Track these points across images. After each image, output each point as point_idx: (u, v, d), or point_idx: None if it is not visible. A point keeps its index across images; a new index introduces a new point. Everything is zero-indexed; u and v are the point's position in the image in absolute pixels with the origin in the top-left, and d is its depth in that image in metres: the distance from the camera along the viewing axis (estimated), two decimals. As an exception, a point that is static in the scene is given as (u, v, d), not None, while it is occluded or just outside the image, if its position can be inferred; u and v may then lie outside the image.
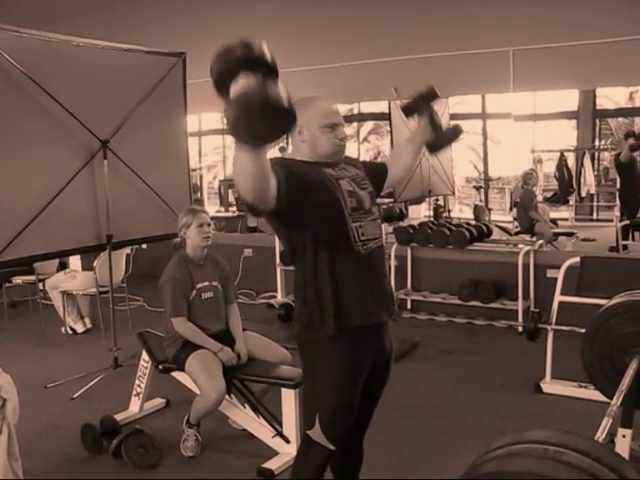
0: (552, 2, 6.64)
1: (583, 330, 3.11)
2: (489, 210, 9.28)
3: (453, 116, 8.81)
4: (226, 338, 3.93)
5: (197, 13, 8.48)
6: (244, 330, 4.05)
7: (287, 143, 12.41)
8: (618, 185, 8.49)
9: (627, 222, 7.52)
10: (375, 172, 2.84)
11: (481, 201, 9.85)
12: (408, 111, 2.97)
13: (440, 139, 2.93)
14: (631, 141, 7.56)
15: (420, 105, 2.92)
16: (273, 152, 12.84)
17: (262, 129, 1.73)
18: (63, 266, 6.85)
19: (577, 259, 4.86)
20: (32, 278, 6.83)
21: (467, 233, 6.61)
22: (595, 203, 10.13)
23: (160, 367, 4.00)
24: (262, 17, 8.20)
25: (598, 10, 6.42)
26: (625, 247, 7.28)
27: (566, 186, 9.71)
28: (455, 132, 2.98)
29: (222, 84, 1.81)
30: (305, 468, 2.64)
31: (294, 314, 2.62)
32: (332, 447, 2.56)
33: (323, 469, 2.64)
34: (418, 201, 8.97)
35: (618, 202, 8.52)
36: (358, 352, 2.51)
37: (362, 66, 7.63)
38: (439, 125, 2.90)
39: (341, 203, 2.45)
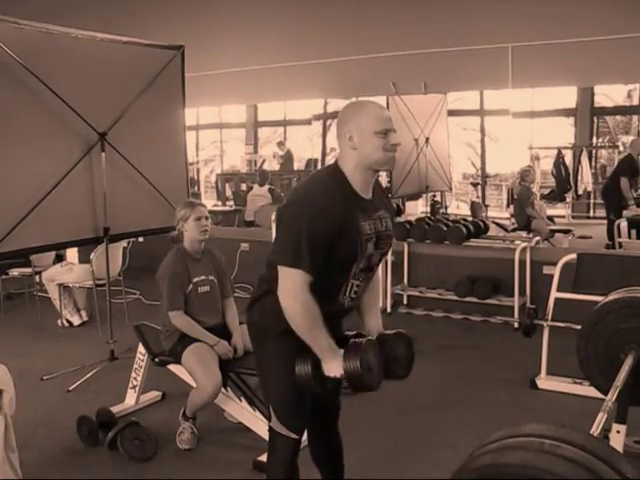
0: (551, -1, 6.64)
1: (579, 326, 3.13)
2: (486, 206, 9.29)
3: (451, 112, 8.82)
4: (223, 332, 3.94)
5: (196, 7, 8.46)
6: (240, 324, 4.05)
7: (285, 138, 12.46)
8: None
9: (613, 219, 7.55)
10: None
11: (478, 197, 9.86)
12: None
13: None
14: None
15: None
16: (273, 147, 12.85)
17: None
18: (60, 259, 6.85)
19: (573, 256, 4.87)
20: (29, 270, 6.82)
21: (464, 229, 6.62)
22: (592, 200, 10.16)
23: (156, 360, 4.01)
24: (261, 11, 8.21)
25: (597, 7, 6.42)
26: (621, 245, 7.29)
27: (563, 183, 9.73)
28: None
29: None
30: (274, 460, 2.65)
31: (251, 297, 2.66)
32: (294, 436, 2.57)
33: (292, 458, 2.62)
34: (415, 197, 8.98)
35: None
36: (298, 344, 2.43)
37: (360, 61, 7.63)
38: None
39: (355, 263, 2.42)
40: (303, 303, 2.31)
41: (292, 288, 2.32)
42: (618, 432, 2.82)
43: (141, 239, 7.39)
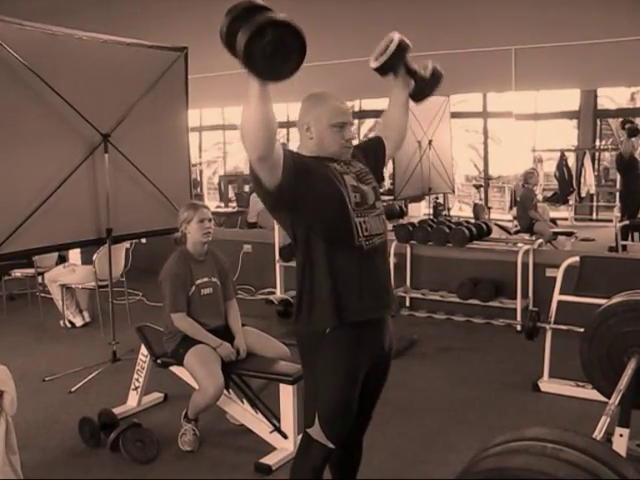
0: (555, 2, 6.63)
1: (582, 329, 3.12)
2: (489, 209, 9.27)
3: (454, 114, 8.82)
4: (225, 333, 3.94)
5: (199, 8, 8.45)
6: (243, 326, 4.05)
7: (287, 140, 12.46)
8: (619, 185, 8.49)
9: (627, 222, 7.52)
10: (373, 149, 2.82)
11: (481, 200, 9.84)
12: (384, 69, 2.78)
13: (422, 87, 2.83)
14: (628, 126, 7.56)
15: (394, 60, 2.74)
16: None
17: (275, 52, 1.91)
18: (62, 259, 6.85)
19: (576, 258, 4.86)
20: (31, 271, 6.83)
21: (467, 231, 6.61)
22: (595, 203, 10.12)
23: (159, 361, 4.01)
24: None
25: (601, 10, 6.42)
26: (624, 247, 7.29)
27: (566, 186, 9.70)
28: (435, 77, 2.83)
29: (231, 35, 1.98)
30: (304, 466, 2.63)
31: (293, 308, 2.61)
32: (331, 445, 2.55)
33: (322, 467, 2.63)
34: (418, 199, 8.97)
35: (618, 202, 8.53)
36: (357, 349, 2.49)
37: (363, 63, 7.57)
38: (418, 73, 2.79)
39: (345, 197, 2.44)
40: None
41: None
42: (621, 435, 2.81)
43: (144, 240, 7.39)
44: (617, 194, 8.83)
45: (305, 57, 1.98)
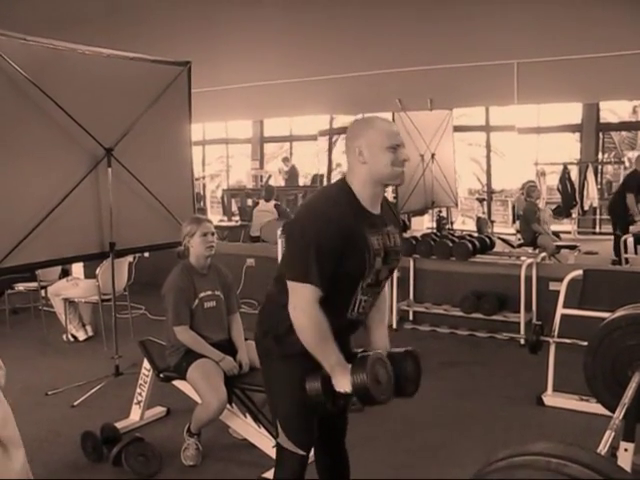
0: (556, 15, 6.65)
1: (585, 343, 3.11)
2: (492, 222, 9.28)
3: (457, 128, 8.83)
4: (228, 347, 3.93)
5: (202, 22, 8.51)
6: (246, 340, 4.04)
7: (290, 154, 12.50)
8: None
9: (619, 234, 7.54)
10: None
11: (484, 213, 9.85)
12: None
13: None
14: None
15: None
16: (279, 162, 12.89)
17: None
18: (65, 273, 6.86)
19: (580, 272, 4.85)
20: (34, 285, 6.82)
21: (470, 245, 6.61)
22: (598, 216, 10.14)
23: (161, 375, 4.00)
24: (267, 28, 8.24)
25: (603, 23, 6.44)
26: (627, 260, 7.28)
27: (569, 199, 9.72)
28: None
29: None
30: (282, 476, 2.64)
31: (259, 316, 2.64)
32: (302, 452, 2.56)
33: (299, 475, 2.61)
34: (421, 212, 8.98)
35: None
36: (306, 361, 2.42)
37: (366, 77, 7.65)
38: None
39: (363, 278, 2.41)
40: (313, 317, 2.32)
41: (302, 302, 2.33)
42: (626, 450, 2.79)
43: (147, 254, 7.39)
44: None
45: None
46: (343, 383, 2.32)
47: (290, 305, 2.36)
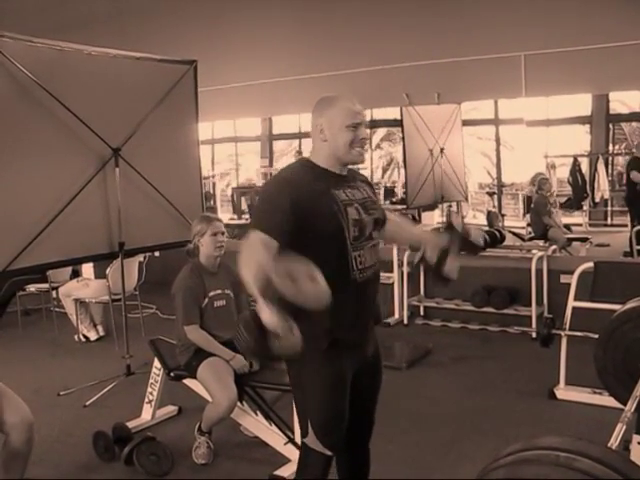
0: (564, 6, 6.61)
1: (597, 336, 3.09)
2: (502, 216, 9.23)
3: (466, 122, 8.80)
4: (238, 346, 3.92)
5: (208, 21, 8.51)
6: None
7: (300, 151, 12.47)
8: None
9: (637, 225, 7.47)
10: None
11: (494, 207, 9.81)
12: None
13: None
14: None
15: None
16: (288, 160, 12.88)
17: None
18: (76, 274, 6.87)
19: (590, 264, 4.82)
20: (45, 286, 6.84)
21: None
22: (609, 208, 10.07)
23: (172, 374, 4.00)
24: (273, 25, 8.24)
25: (610, 14, 6.39)
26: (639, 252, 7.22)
27: (580, 191, 9.65)
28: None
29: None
30: (306, 476, 2.63)
31: None
32: (329, 453, 2.56)
33: (324, 475, 2.61)
34: (431, 207, 8.94)
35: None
36: (339, 361, 2.48)
37: (374, 72, 7.63)
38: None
39: (344, 232, 2.43)
40: (251, 254, 2.23)
41: (247, 244, 2.28)
42: (639, 443, 2.77)
43: (157, 253, 7.40)
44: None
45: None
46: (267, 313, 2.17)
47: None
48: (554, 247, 6.88)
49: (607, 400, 3.84)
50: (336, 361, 2.46)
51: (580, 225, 9.59)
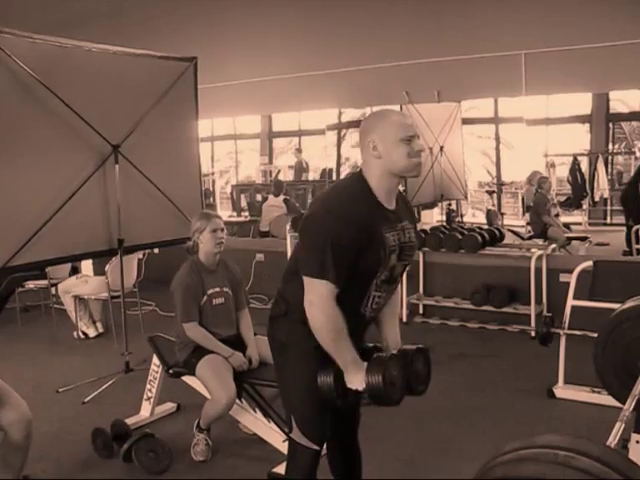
0: (564, 5, 6.61)
1: (596, 334, 3.09)
2: (502, 214, 9.24)
3: (466, 120, 8.80)
4: (237, 343, 3.92)
5: (208, 18, 8.50)
6: (255, 335, 4.03)
7: (299, 149, 12.48)
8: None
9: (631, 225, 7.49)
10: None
11: (494, 205, 9.82)
12: None
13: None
14: None
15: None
16: (287, 157, 12.88)
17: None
18: (75, 271, 6.87)
19: (590, 263, 4.82)
20: (44, 283, 6.84)
21: (479, 237, 6.58)
22: (609, 207, 10.08)
23: (171, 371, 3.99)
24: (273, 22, 8.24)
25: (611, 13, 6.39)
26: (638, 251, 7.23)
27: (579, 190, 9.66)
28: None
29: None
30: (294, 471, 2.62)
31: (271, 312, 2.62)
32: (315, 447, 2.55)
33: (313, 469, 2.60)
34: (431, 205, 8.95)
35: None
36: (321, 352, 2.42)
37: (374, 70, 7.63)
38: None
39: (377, 274, 2.40)
40: (329, 314, 2.31)
41: (318, 299, 2.31)
42: (637, 442, 2.77)
43: (156, 250, 7.40)
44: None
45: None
46: (356, 381, 2.32)
47: (306, 301, 2.35)
48: (553, 246, 6.88)
49: (606, 399, 3.84)
50: (317, 356, 2.42)
51: (580, 224, 9.61)
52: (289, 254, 7.10)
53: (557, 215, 8.26)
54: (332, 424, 2.64)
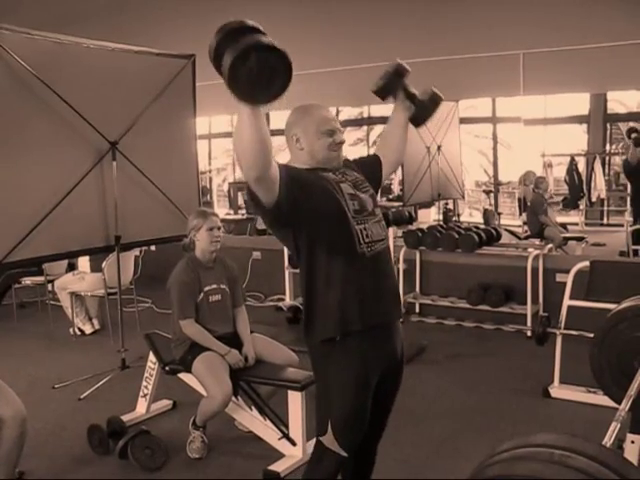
0: (563, 5, 6.61)
1: (592, 335, 3.09)
2: (499, 214, 9.24)
3: (463, 120, 8.79)
4: (234, 340, 3.92)
5: (207, 15, 8.43)
6: (252, 332, 4.04)
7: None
8: (629, 190, 8.43)
9: (638, 227, 7.48)
10: (370, 166, 2.83)
11: (491, 205, 9.81)
12: (382, 93, 2.94)
13: (421, 111, 2.90)
14: (634, 135, 7.51)
15: (392, 84, 2.90)
16: (285, 155, 12.87)
17: (260, 76, 1.94)
18: (72, 267, 6.87)
19: (586, 263, 4.83)
20: (41, 279, 6.85)
21: (476, 237, 6.58)
22: (605, 208, 10.07)
23: (167, 368, 4.00)
24: (270, 20, 8.15)
25: (609, 13, 6.39)
26: (635, 252, 7.24)
27: (577, 191, 9.65)
28: (434, 100, 2.93)
29: (219, 55, 1.97)
30: (317, 474, 2.61)
31: (304, 320, 2.56)
32: (344, 454, 2.53)
33: (335, 476, 2.61)
34: (428, 205, 8.94)
35: (629, 207, 8.47)
36: (367, 356, 2.48)
37: (372, 69, 7.52)
38: (417, 98, 2.86)
39: (343, 206, 2.44)
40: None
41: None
42: (633, 442, 2.77)
43: (153, 247, 7.39)
44: (628, 198, 8.76)
45: (291, 80, 2.00)
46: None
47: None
48: (550, 246, 6.89)
49: (601, 399, 3.85)
50: (362, 358, 2.45)
51: (576, 224, 9.60)
52: (286, 252, 7.11)
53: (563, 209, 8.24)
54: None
